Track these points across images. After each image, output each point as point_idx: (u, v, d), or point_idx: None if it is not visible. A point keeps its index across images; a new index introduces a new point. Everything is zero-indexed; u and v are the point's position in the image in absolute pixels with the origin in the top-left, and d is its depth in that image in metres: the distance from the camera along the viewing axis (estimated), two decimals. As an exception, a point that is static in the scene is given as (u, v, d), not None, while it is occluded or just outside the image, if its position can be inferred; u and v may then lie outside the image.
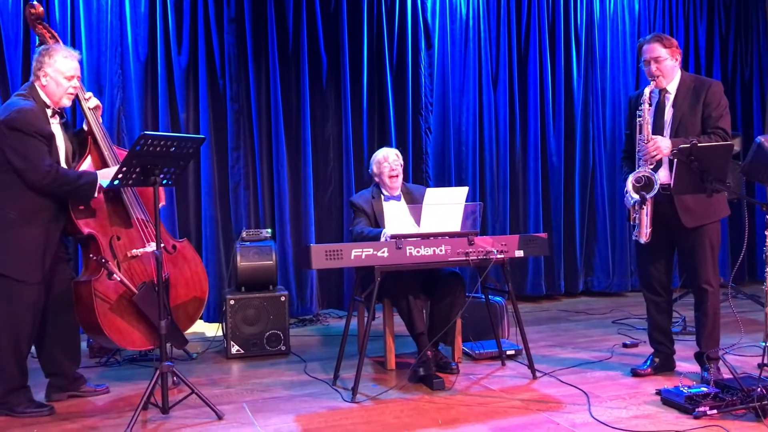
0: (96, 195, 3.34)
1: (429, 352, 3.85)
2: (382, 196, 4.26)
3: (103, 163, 3.53)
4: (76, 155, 3.55)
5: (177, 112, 5.37)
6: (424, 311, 4.01)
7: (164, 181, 3.28)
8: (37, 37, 3.64)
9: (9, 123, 3.20)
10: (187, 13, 5.35)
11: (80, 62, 3.49)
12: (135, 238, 3.54)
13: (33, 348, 3.50)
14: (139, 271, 3.52)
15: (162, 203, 3.54)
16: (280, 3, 5.59)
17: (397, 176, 4.24)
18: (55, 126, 3.41)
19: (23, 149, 3.20)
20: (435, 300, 4.01)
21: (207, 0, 5.38)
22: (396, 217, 3.88)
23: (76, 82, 3.42)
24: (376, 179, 4.32)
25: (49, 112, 3.38)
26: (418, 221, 3.79)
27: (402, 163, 4.31)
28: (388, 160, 4.24)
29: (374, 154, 4.38)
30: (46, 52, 3.38)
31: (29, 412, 3.32)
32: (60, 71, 3.35)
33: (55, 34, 3.64)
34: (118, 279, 3.38)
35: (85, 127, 3.60)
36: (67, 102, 3.42)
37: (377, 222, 4.16)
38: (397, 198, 4.28)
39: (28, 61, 4.91)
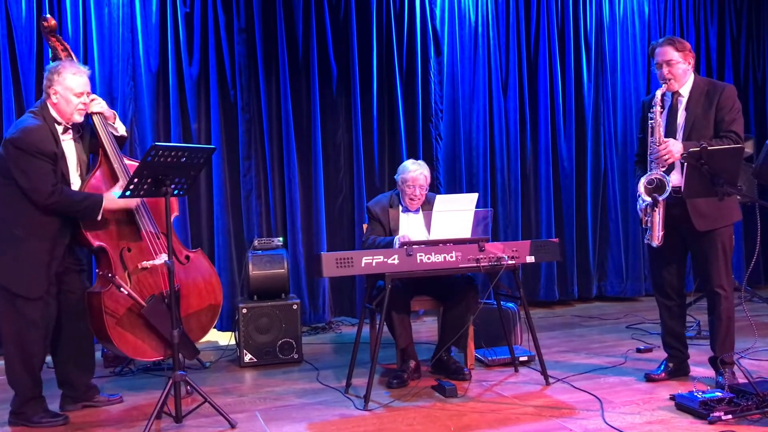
0: (99, 217, 3.35)
1: (412, 363, 3.90)
2: (401, 207, 4.21)
3: (112, 176, 3.54)
4: (90, 168, 3.57)
5: (189, 123, 5.40)
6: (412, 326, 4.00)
7: (176, 192, 3.30)
8: (50, 50, 3.67)
9: (14, 142, 3.23)
10: (197, 25, 5.39)
11: (90, 78, 3.50)
12: (145, 250, 3.55)
13: (49, 357, 3.54)
14: (150, 284, 3.54)
15: (175, 214, 3.54)
16: (290, 13, 5.62)
17: (417, 201, 4.15)
18: (67, 142, 3.43)
19: (27, 169, 3.22)
20: (448, 306, 4.00)
21: (217, 11, 5.42)
22: (411, 230, 3.86)
23: (86, 98, 3.44)
24: (399, 188, 4.24)
25: (60, 128, 3.39)
26: (428, 228, 3.78)
27: (427, 187, 4.18)
28: (415, 184, 4.10)
29: (403, 165, 4.23)
30: (55, 70, 3.39)
31: (45, 422, 3.35)
32: (69, 88, 3.37)
33: (68, 47, 3.67)
34: (126, 293, 3.40)
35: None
36: (78, 118, 3.43)
37: (391, 231, 4.14)
38: (416, 211, 4.22)
39: (41, 74, 4.95)
